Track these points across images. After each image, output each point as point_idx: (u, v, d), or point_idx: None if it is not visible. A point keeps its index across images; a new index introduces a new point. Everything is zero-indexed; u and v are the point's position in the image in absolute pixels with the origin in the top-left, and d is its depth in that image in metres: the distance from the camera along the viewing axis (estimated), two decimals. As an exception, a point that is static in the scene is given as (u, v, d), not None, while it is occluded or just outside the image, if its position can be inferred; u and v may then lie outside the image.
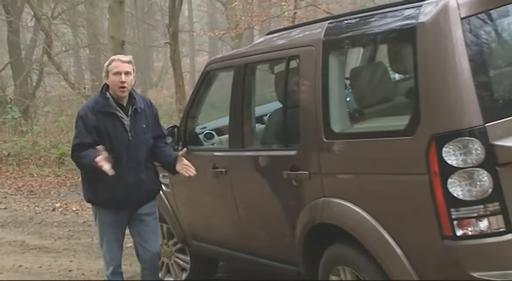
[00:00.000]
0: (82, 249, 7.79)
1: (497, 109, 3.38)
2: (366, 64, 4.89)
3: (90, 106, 4.75)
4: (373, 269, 3.79)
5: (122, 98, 4.69)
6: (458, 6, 3.41)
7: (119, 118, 4.67)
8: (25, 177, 13.20)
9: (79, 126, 4.71)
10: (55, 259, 7.38)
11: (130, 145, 4.70)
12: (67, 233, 8.70)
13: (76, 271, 6.85)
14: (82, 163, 4.70)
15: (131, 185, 4.69)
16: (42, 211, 10.28)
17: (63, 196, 11.50)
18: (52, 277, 6.71)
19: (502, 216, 3.29)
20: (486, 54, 3.50)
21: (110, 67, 4.64)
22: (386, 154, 3.69)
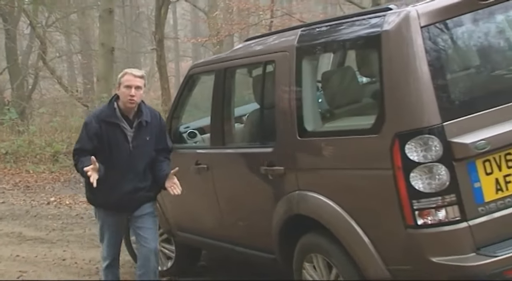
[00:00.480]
0: (75, 239, 7.75)
1: (453, 109, 3.42)
2: (336, 68, 4.91)
3: (96, 115, 4.68)
4: (343, 256, 3.82)
5: (130, 110, 4.59)
6: (418, 16, 3.45)
7: (122, 129, 4.56)
8: (22, 173, 13.11)
9: (82, 132, 4.64)
10: (50, 249, 7.34)
11: (131, 155, 4.59)
12: (61, 225, 8.64)
13: (70, 260, 6.81)
14: (78, 167, 4.61)
15: (126, 193, 4.62)
16: (37, 205, 10.22)
17: (57, 191, 11.42)
18: (47, 265, 6.67)
19: (457, 206, 3.33)
20: (443, 60, 3.53)
21: (122, 80, 4.54)
22: (354, 150, 3.72)
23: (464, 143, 3.34)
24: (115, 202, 4.63)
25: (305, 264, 4.19)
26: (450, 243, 3.35)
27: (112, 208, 4.71)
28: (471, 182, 3.38)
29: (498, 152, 3.42)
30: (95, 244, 7.40)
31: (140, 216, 4.77)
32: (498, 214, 3.40)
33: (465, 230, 3.33)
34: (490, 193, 3.41)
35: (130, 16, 28.49)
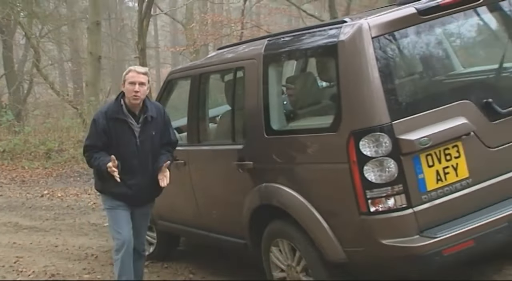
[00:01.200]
0: (66, 228, 7.71)
1: (400, 110, 3.47)
2: (298, 74, 4.91)
3: (103, 111, 4.37)
4: (305, 240, 3.85)
5: (135, 106, 4.33)
6: (370, 28, 3.49)
7: (129, 125, 4.31)
8: (18, 169, 13.01)
9: (92, 129, 4.39)
10: (44, 236, 7.29)
11: (138, 150, 4.33)
12: (53, 215, 8.60)
13: (61, 247, 6.77)
14: (92, 164, 4.35)
15: (137, 188, 4.37)
16: (32, 197, 10.16)
17: (50, 184, 11.33)
18: (41, 251, 6.63)
19: (404, 195, 3.39)
20: (391, 66, 3.58)
21: (127, 77, 4.30)
22: (315, 146, 3.76)
23: (410, 140, 3.39)
24: (124, 194, 4.38)
25: (272, 248, 4.21)
26: (397, 227, 3.40)
27: (120, 198, 4.43)
28: (416, 174, 3.44)
29: (438, 147, 3.48)
30: (84, 232, 7.45)
31: (142, 215, 4.61)
32: (439, 201, 3.48)
33: (410, 216, 3.40)
34: (432, 183, 3.47)
35: (116, 28, 28.35)
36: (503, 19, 4.02)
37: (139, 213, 4.57)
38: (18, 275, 5.79)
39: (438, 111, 3.52)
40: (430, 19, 3.65)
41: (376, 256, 3.49)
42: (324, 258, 3.75)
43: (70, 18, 21.88)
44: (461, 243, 3.36)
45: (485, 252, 3.71)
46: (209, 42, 19.84)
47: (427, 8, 3.62)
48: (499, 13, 3.98)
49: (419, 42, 3.74)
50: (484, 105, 3.61)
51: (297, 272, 4.05)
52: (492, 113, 3.63)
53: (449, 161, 3.52)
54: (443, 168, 3.50)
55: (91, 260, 6.19)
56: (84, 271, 5.80)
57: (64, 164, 13.14)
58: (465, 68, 4.01)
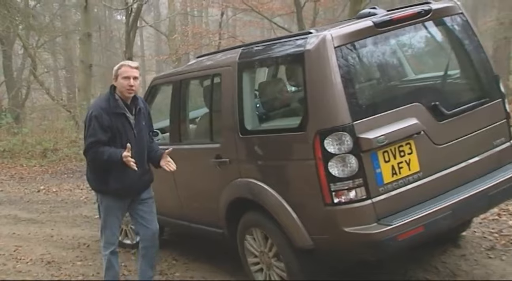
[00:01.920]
0: (60, 220, 7.66)
1: (360, 111, 3.48)
2: (270, 79, 4.92)
3: (103, 107, 4.06)
4: (276, 229, 3.85)
5: (128, 99, 4.11)
6: (332, 38, 3.50)
7: (127, 118, 4.10)
8: (17, 167, 12.90)
9: (94, 125, 4.01)
10: (40, 228, 7.25)
11: (136, 141, 4.10)
12: (49, 208, 8.54)
13: (56, 237, 6.73)
14: (100, 158, 4.01)
15: (137, 176, 4.12)
16: (29, 192, 10.08)
17: (46, 181, 11.24)
18: (38, 241, 6.57)
19: (364, 187, 3.41)
20: (352, 73, 3.58)
21: (120, 71, 4.07)
22: (285, 144, 3.75)
23: (369, 138, 3.41)
24: (129, 186, 4.12)
25: (247, 236, 4.21)
26: (358, 216, 3.42)
27: (124, 194, 4.18)
28: (374, 168, 3.46)
29: (393, 145, 3.51)
30: (77, 224, 7.40)
31: (145, 200, 4.33)
32: (394, 192, 3.50)
33: (369, 206, 3.42)
34: (388, 176, 3.50)
35: (105, 39, 28.16)
36: (447, 32, 4.08)
37: (140, 199, 4.31)
38: (17, 262, 5.74)
39: (393, 113, 3.55)
40: (385, 31, 3.69)
41: (340, 242, 3.50)
42: (293, 245, 3.75)
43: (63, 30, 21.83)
44: (413, 229, 3.39)
45: (433, 237, 3.76)
46: (190, 51, 19.80)
47: (382, 21, 3.67)
48: (443, 27, 4.03)
49: (376, 51, 3.76)
50: (432, 107, 3.66)
51: (269, 258, 4.05)
52: (439, 114, 3.68)
53: (402, 157, 3.55)
54: (398, 163, 3.53)
55: (83, 249, 6.16)
56: (77, 258, 5.77)
57: (59, 162, 13.06)
58: (416, 75, 4.06)
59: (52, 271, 5.38)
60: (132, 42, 15.20)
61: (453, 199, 3.57)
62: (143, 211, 4.33)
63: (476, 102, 3.89)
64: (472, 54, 4.03)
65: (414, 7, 3.92)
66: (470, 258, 4.43)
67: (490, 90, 4.00)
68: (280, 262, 3.95)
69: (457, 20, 4.01)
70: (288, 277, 3.92)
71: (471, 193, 3.63)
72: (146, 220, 4.33)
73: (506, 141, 4.00)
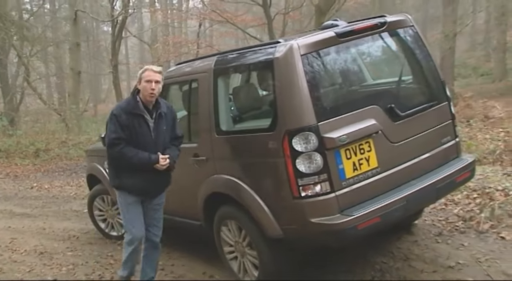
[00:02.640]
0: (52, 214, 7.50)
1: (324, 113, 3.46)
2: (243, 84, 4.88)
3: (122, 107, 3.85)
4: (249, 220, 3.82)
5: (150, 103, 3.86)
6: (299, 47, 3.48)
7: (145, 120, 3.84)
8: (12, 166, 12.60)
9: (114, 123, 3.80)
10: (33, 221, 7.08)
11: (153, 143, 3.84)
12: (41, 204, 8.36)
13: (48, 229, 6.58)
14: (130, 158, 3.78)
15: (151, 178, 3.88)
16: (23, 189, 9.85)
17: (38, 178, 10.99)
18: (31, 233, 6.41)
19: (328, 182, 3.40)
20: (317, 78, 3.57)
21: (144, 75, 3.83)
22: (257, 144, 3.70)
23: (332, 137, 3.40)
24: (142, 186, 3.89)
25: (222, 227, 4.16)
26: (323, 208, 3.40)
27: (134, 191, 3.93)
28: (337, 165, 3.44)
29: (354, 143, 3.50)
30: (67, 217, 7.26)
31: (158, 205, 4.08)
32: (355, 186, 3.50)
33: (333, 199, 3.40)
34: (350, 172, 3.49)
35: (93, 48, 27.86)
36: (400, 42, 4.09)
37: (153, 204, 4.07)
38: (12, 253, 5.59)
39: (354, 114, 3.54)
40: (346, 40, 3.69)
41: (306, 231, 3.47)
42: (265, 235, 3.72)
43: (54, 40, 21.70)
44: (371, 219, 3.39)
45: (389, 225, 3.77)
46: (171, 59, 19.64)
47: (343, 32, 3.67)
48: (397, 38, 4.04)
49: (338, 59, 3.74)
50: (388, 110, 3.67)
51: (243, 247, 4.02)
52: (394, 116, 3.69)
53: (362, 154, 3.54)
54: (358, 160, 3.52)
55: (73, 240, 6.03)
56: (67, 249, 5.64)
57: (50, 161, 12.84)
58: (374, 80, 4.05)
59: (45, 261, 5.25)
60: (117, 51, 15.09)
61: (407, 192, 3.58)
62: (153, 218, 4.09)
63: (426, 104, 3.91)
64: (422, 62, 4.06)
65: (371, 19, 3.93)
66: (421, 243, 4.47)
67: (438, 94, 4.04)
68: (253, 250, 3.91)
69: (409, 32, 4.04)
70: (260, 263, 3.89)
71: (422, 186, 3.65)
72: (153, 226, 4.10)
73: (452, 139, 4.05)
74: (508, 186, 5.19)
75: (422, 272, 4.02)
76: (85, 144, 12.52)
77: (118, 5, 15.47)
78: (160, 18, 21.83)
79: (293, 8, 15.98)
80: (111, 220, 5.93)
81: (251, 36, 15.95)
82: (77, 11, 16.17)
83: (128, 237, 4.00)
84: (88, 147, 7.01)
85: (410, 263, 4.19)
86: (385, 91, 3.90)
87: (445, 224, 4.78)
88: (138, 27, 29.14)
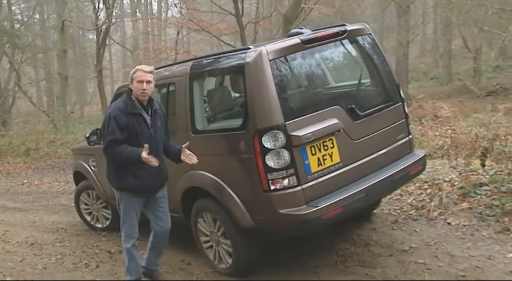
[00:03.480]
0: (42, 208, 7.34)
1: (292, 113, 3.43)
2: (216, 87, 4.80)
3: (121, 108, 3.58)
4: (223, 212, 3.77)
5: (144, 101, 3.63)
6: (268, 53, 3.45)
7: (143, 118, 3.61)
8: (4, 164, 12.26)
9: (112, 125, 3.53)
10: (25, 215, 6.92)
11: (152, 139, 3.60)
12: (32, 198, 8.19)
13: (38, 222, 6.43)
14: (118, 157, 3.54)
15: (154, 173, 3.64)
16: (15, 185, 9.65)
17: (29, 175, 10.75)
18: (23, 226, 6.25)
19: (295, 176, 3.37)
20: (284, 81, 3.53)
21: (135, 76, 3.60)
22: (229, 142, 3.65)
23: (298, 135, 3.37)
24: (146, 183, 3.64)
25: (199, 219, 4.10)
26: (290, 200, 3.37)
27: (142, 190, 3.67)
28: (303, 160, 3.42)
29: (318, 141, 3.48)
30: (56, 211, 7.11)
31: (161, 198, 3.83)
32: (320, 180, 3.48)
33: (300, 191, 3.37)
34: (315, 166, 3.46)
35: (79, 54, 27.44)
36: (359, 49, 4.09)
37: (156, 198, 3.82)
38: (6, 244, 5.46)
39: (318, 114, 3.52)
40: (311, 47, 3.67)
41: (276, 222, 3.44)
42: (238, 225, 3.67)
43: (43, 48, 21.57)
44: (334, 210, 3.38)
45: (351, 215, 3.76)
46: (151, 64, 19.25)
47: (308, 39, 3.65)
48: (356, 45, 4.05)
49: (303, 63, 3.71)
50: (349, 110, 3.66)
51: (218, 236, 3.97)
52: (355, 115, 3.68)
53: (326, 150, 3.52)
54: (322, 155, 3.50)
55: (61, 232, 5.91)
56: (56, 240, 5.53)
57: (40, 159, 12.57)
58: (336, 83, 4.04)
59: (35, 251, 5.14)
60: (102, 57, 14.84)
61: (366, 184, 3.58)
62: (158, 211, 3.83)
63: (382, 105, 3.92)
64: (379, 66, 4.07)
65: (333, 28, 3.92)
66: (379, 230, 4.49)
67: (393, 96, 4.05)
68: (227, 240, 3.87)
69: (367, 39, 4.04)
70: (234, 251, 3.85)
71: (380, 179, 3.66)
72: (160, 219, 3.84)
73: (405, 136, 4.07)
74: (454, 178, 5.27)
75: (380, 256, 4.04)
76: (72, 144, 12.26)
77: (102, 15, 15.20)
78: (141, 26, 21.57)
79: (263, 17, 15.96)
80: (96, 213, 5.81)
81: (225, 43, 15.86)
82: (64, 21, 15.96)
83: (126, 234, 3.78)
84: (75, 146, 6.83)
85: (369, 248, 4.21)
86: (346, 93, 3.89)
87: (400, 212, 4.82)
88: (121, 35, 28.72)
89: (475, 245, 3.94)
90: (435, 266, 3.74)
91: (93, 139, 5.27)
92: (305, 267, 4.03)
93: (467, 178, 5.00)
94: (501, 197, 4.45)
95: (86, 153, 5.59)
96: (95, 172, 5.48)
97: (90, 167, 5.53)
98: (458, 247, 3.96)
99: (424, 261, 3.82)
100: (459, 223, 4.33)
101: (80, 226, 5.99)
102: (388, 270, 3.79)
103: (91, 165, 5.49)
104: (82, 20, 23.39)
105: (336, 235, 4.47)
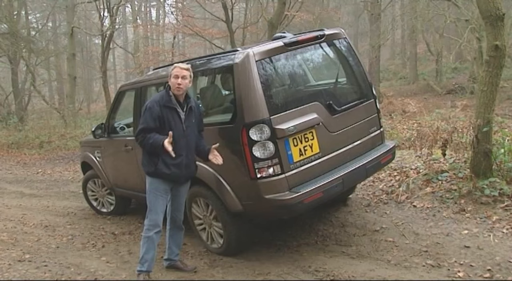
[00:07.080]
0: (54, 195, 7.21)
1: (276, 109, 3.38)
2: (208, 85, 4.72)
3: (156, 100, 3.39)
4: (215, 198, 3.72)
5: (180, 96, 3.41)
6: (254, 54, 3.39)
7: (177, 112, 3.40)
8: (21, 155, 12.06)
9: (146, 115, 3.36)
10: (39, 200, 6.81)
11: (184, 134, 3.41)
12: (45, 186, 8.05)
13: (51, 207, 6.34)
14: (146, 142, 3.34)
15: (183, 166, 3.43)
16: (31, 174, 9.45)
17: (43, 165, 10.52)
18: (38, 210, 6.16)
19: (279, 165, 3.32)
20: (269, 80, 3.47)
21: (172, 72, 3.41)
22: (220, 134, 3.59)
23: (282, 128, 3.32)
24: (174, 173, 3.42)
25: (193, 204, 4.03)
26: (275, 186, 3.33)
27: (169, 177, 3.43)
28: (286, 151, 3.37)
29: (300, 133, 3.44)
30: (66, 197, 7.02)
31: (183, 192, 3.63)
32: (301, 168, 3.43)
33: (283, 179, 3.33)
34: (297, 156, 3.42)
35: (86, 57, 27.12)
36: (336, 51, 4.04)
37: (179, 191, 3.61)
38: (24, 226, 5.40)
39: (299, 109, 3.47)
40: (293, 49, 3.61)
41: (262, 206, 3.39)
42: (228, 209, 3.62)
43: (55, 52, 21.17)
44: (315, 195, 3.35)
45: (329, 199, 3.73)
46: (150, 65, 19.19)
47: (290, 42, 3.59)
48: (333, 47, 4.00)
49: (287, 64, 3.65)
50: (327, 105, 3.62)
51: (210, 220, 3.91)
52: (332, 110, 3.64)
53: (307, 142, 3.48)
54: (304, 146, 3.46)
55: (71, 216, 5.83)
56: (67, 223, 5.48)
57: (52, 151, 12.42)
58: (316, 81, 3.98)
59: (49, 232, 5.10)
60: (106, 59, 14.70)
61: (343, 172, 3.55)
62: (178, 203, 3.63)
63: (357, 101, 3.88)
64: (354, 67, 4.02)
65: (313, 32, 3.87)
66: (354, 213, 4.48)
67: (367, 93, 4.01)
68: (218, 222, 3.81)
69: (343, 42, 3.99)
70: (225, 233, 3.80)
71: (355, 167, 3.63)
72: (178, 211, 3.65)
73: (377, 129, 4.04)
74: (419, 166, 5.28)
75: (355, 235, 4.03)
76: (80, 137, 12.09)
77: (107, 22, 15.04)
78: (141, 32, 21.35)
79: (250, 23, 15.87)
80: (101, 199, 5.72)
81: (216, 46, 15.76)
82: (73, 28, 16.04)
83: (149, 222, 3.45)
84: (82, 139, 6.68)
85: (345, 229, 4.19)
86: (324, 90, 3.83)
87: (373, 197, 4.81)
88: (123, 40, 28.37)
89: (436, 224, 3.96)
90: (402, 243, 3.74)
91: (98, 132, 5.18)
92: (289, 246, 4.01)
93: (430, 166, 5.02)
94: (459, 182, 4.47)
95: (92, 145, 5.50)
96: (100, 162, 5.37)
97: (95, 158, 5.43)
98: (422, 226, 3.97)
99: (393, 239, 3.82)
100: (423, 205, 4.33)
101: (87, 210, 5.92)
102: (362, 248, 3.78)
103: (97, 156, 5.39)
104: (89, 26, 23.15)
105: (316, 218, 4.45)
